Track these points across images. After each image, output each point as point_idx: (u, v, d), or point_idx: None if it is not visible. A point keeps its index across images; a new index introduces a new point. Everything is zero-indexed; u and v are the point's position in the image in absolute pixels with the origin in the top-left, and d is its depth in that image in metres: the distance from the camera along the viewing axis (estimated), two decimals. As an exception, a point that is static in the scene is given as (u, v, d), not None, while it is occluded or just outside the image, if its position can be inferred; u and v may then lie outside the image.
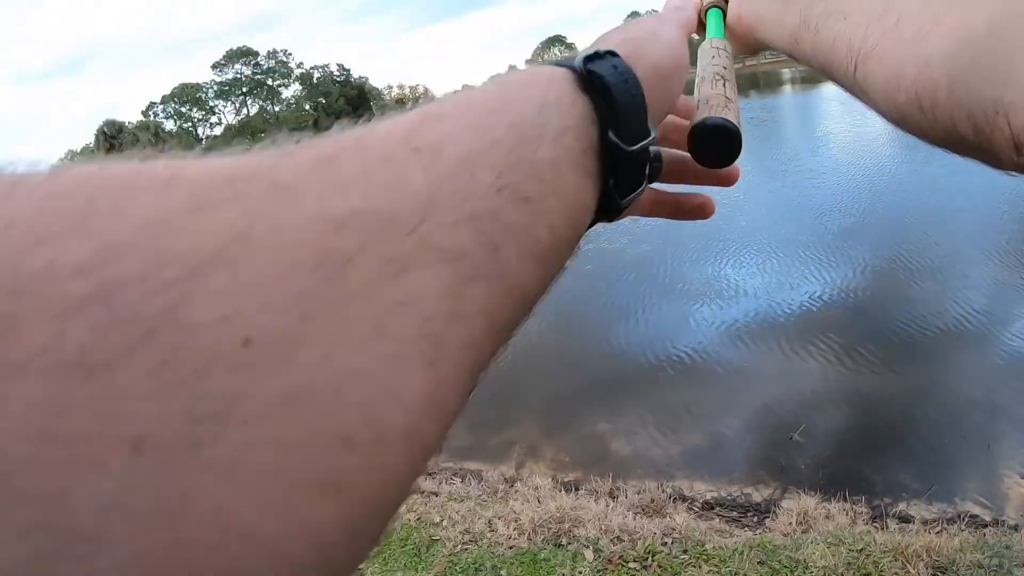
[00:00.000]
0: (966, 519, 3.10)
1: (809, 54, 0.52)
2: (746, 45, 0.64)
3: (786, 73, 70.21)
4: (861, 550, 2.63)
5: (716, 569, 2.75)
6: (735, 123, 0.47)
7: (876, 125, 18.48)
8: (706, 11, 0.66)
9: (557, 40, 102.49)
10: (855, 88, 0.47)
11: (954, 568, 2.53)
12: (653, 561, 2.85)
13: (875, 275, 7.50)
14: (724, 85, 0.53)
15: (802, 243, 9.00)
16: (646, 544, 2.89)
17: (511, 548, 3.18)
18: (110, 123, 49.49)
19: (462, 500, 3.86)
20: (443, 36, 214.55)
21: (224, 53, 54.21)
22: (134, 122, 52.44)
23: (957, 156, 0.40)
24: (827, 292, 7.11)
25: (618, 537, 3.04)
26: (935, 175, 11.20)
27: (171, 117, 55.05)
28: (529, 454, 4.82)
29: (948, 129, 0.38)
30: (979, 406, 4.38)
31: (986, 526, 3.03)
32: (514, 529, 3.31)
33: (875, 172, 13.20)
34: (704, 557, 2.83)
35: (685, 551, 2.84)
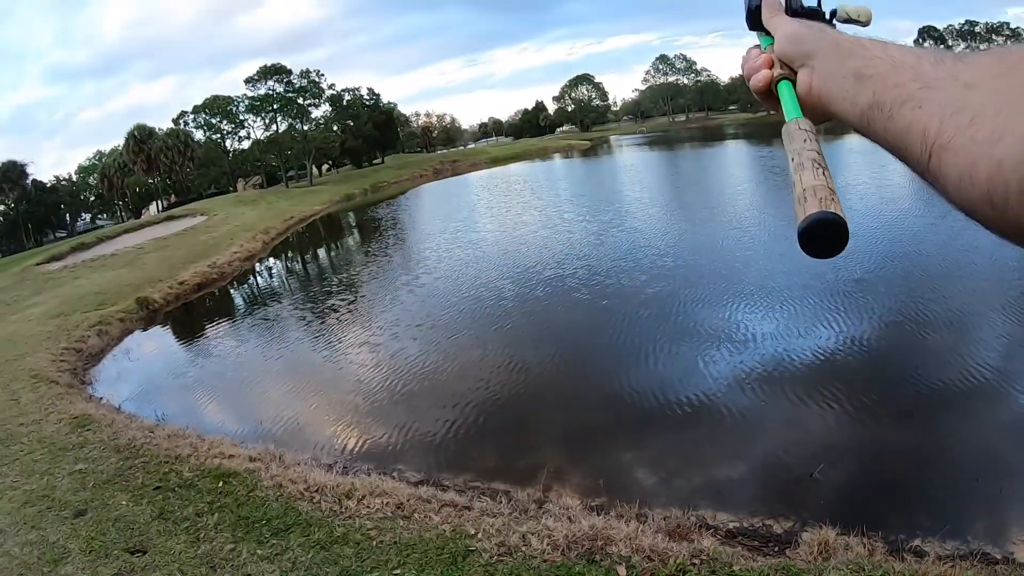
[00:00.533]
0: (978, 556, 3.28)
1: (880, 135, 0.54)
2: (814, 117, 0.66)
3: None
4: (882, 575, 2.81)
5: (743, 588, 2.93)
6: (844, 217, 0.53)
7: (893, 179, 18.69)
8: (776, 83, 0.70)
9: (584, 79, 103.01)
10: (927, 175, 0.49)
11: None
12: (684, 578, 3.04)
13: (888, 325, 7.64)
14: (824, 174, 0.57)
15: (816, 291, 9.18)
16: (677, 562, 3.07)
17: (545, 561, 3.35)
18: (140, 127, 50.36)
19: (495, 515, 4.03)
20: (471, 69, 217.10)
21: (258, 69, 55.81)
22: (164, 128, 53.65)
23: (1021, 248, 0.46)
24: (840, 340, 7.27)
25: (648, 556, 3.21)
26: (949, 230, 11.35)
27: (201, 127, 56.33)
28: (555, 478, 4.99)
29: (1015, 225, 0.42)
30: (989, 453, 4.55)
31: (997, 563, 3.20)
32: (548, 544, 3.49)
33: (891, 224, 13.35)
34: (732, 576, 3.01)
35: (713, 571, 3.02)
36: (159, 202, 54.03)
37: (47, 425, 7.37)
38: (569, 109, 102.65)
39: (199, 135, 55.53)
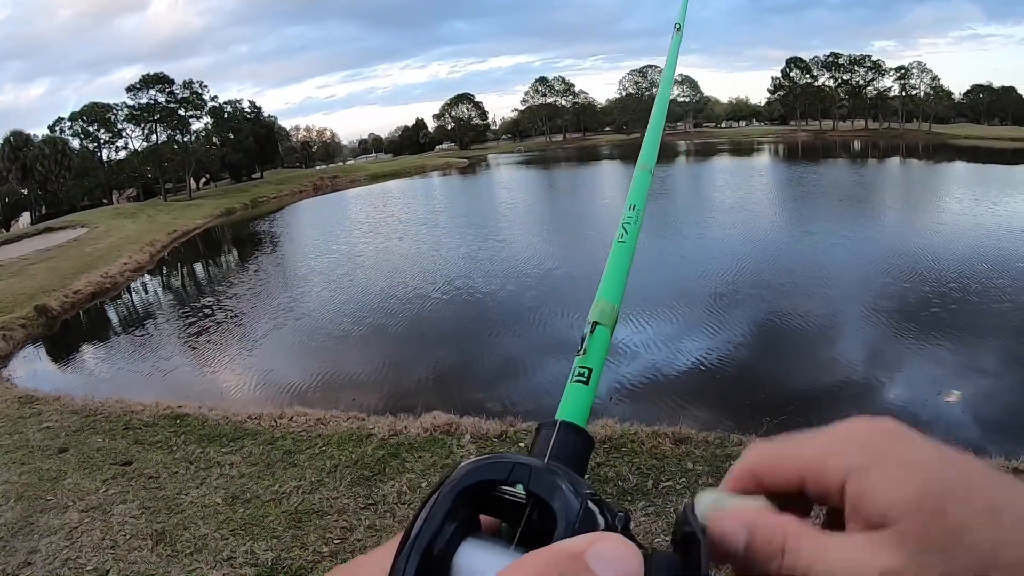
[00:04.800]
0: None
1: None
2: None
3: (681, 145, 77.01)
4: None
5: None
6: None
7: (760, 194, 21.86)
8: None
9: (465, 98, 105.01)
10: None
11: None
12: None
13: (757, 333, 9.89)
14: None
15: (684, 302, 11.37)
16: (496, 432, 5.20)
17: (420, 436, 5.40)
18: (16, 134, 48.05)
19: (386, 418, 6.01)
20: (353, 83, 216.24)
21: (141, 77, 54.65)
22: (38, 135, 51.38)
23: None
24: (711, 349, 9.21)
25: (481, 431, 5.33)
26: (814, 243, 14.16)
27: (77, 135, 54.42)
28: (425, 408, 7.05)
29: None
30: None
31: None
32: (421, 429, 5.55)
33: (757, 238, 16.33)
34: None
35: (507, 434, 5.16)
36: (32, 212, 51.74)
37: (-7, 404, 8.58)
38: (449, 127, 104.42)
39: (75, 143, 53.75)
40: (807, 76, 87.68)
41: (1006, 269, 11.86)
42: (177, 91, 55.98)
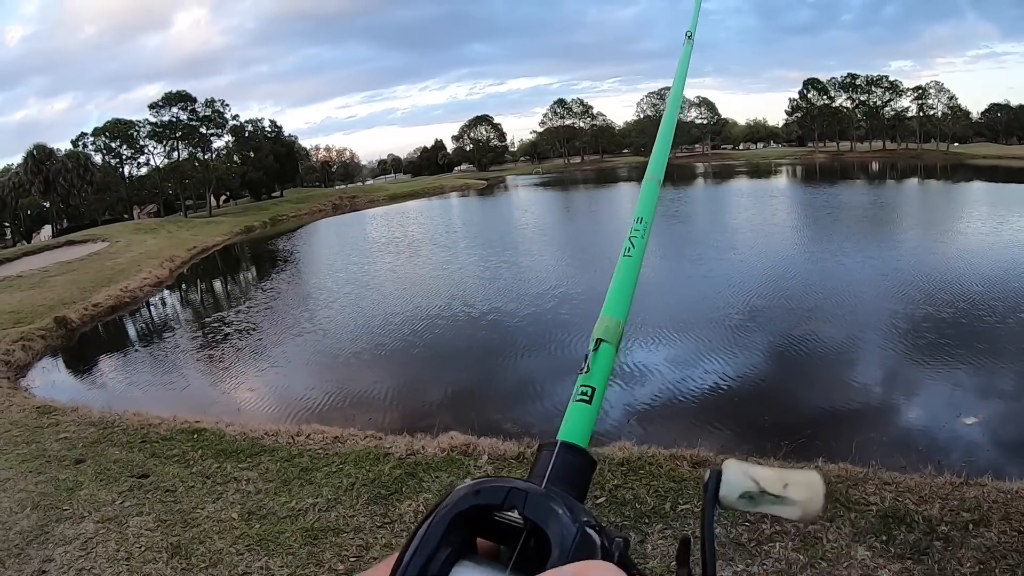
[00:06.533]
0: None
1: None
2: None
3: (699, 167, 76.97)
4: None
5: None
6: None
7: (779, 216, 21.68)
8: None
9: (483, 119, 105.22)
10: None
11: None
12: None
13: (775, 355, 9.80)
14: None
15: (705, 324, 11.32)
16: (514, 452, 5.18)
17: (437, 456, 5.38)
18: (40, 147, 48.84)
19: (403, 438, 6.00)
20: (373, 104, 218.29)
21: (164, 95, 55.36)
22: (61, 149, 52.00)
23: None
24: (730, 370, 9.15)
25: (499, 452, 5.30)
26: (834, 265, 14.10)
27: (100, 151, 55.12)
28: (443, 428, 7.03)
29: None
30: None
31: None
32: (438, 448, 5.53)
33: (779, 260, 16.31)
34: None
35: (519, 456, 5.13)
36: (53, 225, 52.47)
37: (12, 413, 8.61)
38: (468, 148, 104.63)
39: (97, 159, 54.55)
40: (824, 97, 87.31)
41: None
42: (199, 109, 56.67)
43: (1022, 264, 14.26)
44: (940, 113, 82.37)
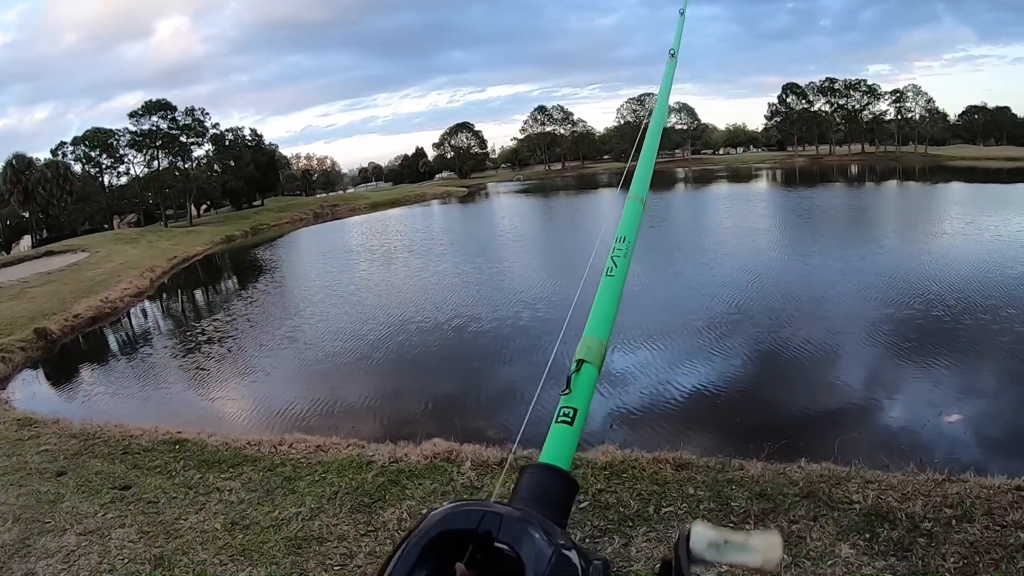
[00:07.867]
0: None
1: None
2: None
3: (680, 172, 77.40)
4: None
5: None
6: None
7: (757, 220, 21.89)
8: None
9: (464, 127, 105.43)
10: None
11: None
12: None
13: (759, 357, 9.84)
14: None
15: (685, 329, 11.36)
16: (496, 459, 5.17)
17: (420, 463, 5.36)
18: (19, 157, 48.01)
19: (385, 445, 5.98)
20: (354, 112, 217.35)
21: (143, 104, 54.81)
22: (40, 158, 51.19)
23: None
24: (713, 374, 9.19)
25: (481, 458, 5.29)
26: (812, 267, 14.19)
27: (80, 160, 54.33)
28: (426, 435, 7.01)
29: None
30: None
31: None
32: (422, 456, 5.52)
33: (758, 263, 16.41)
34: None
35: (513, 464, 5.14)
36: (33, 235, 51.81)
37: (-9, 427, 8.55)
38: (449, 156, 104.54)
39: (77, 168, 53.93)
40: (803, 102, 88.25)
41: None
42: (179, 118, 56.36)
43: (1004, 265, 14.43)
44: (918, 116, 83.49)
